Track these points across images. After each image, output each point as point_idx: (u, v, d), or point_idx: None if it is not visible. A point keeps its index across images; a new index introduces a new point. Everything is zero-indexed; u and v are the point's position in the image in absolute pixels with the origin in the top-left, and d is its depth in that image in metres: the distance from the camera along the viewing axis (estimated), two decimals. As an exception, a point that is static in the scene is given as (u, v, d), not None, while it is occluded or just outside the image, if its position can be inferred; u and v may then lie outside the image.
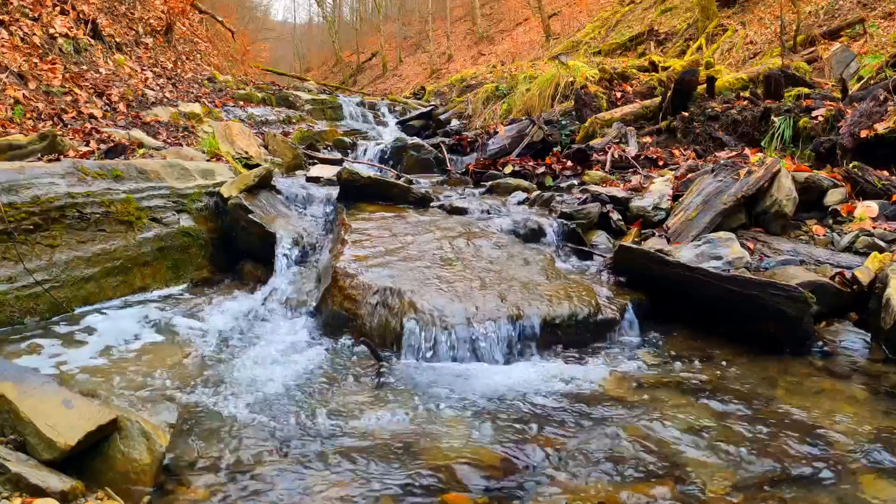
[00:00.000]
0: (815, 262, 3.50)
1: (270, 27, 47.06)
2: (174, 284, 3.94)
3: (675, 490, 1.91)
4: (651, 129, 6.73)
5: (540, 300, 3.10)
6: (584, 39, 18.25)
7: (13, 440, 1.80)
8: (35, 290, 3.24)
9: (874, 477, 1.96)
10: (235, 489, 1.89)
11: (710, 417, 2.36)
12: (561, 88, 8.62)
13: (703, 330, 3.17)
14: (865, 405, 2.45)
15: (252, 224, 4.07)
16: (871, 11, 9.98)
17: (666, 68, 9.00)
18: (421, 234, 3.92)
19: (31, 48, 5.89)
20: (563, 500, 1.87)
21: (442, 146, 7.60)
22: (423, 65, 31.95)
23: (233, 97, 9.14)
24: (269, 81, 14.67)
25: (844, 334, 3.03)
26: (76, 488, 1.73)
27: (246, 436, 2.20)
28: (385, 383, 2.67)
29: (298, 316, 3.44)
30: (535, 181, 5.76)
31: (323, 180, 5.36)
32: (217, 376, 2.69)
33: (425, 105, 12.14)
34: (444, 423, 2.33)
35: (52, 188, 3.44)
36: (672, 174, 4.96)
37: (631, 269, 3.50)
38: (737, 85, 7.27)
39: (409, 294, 3.04)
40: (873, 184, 4.19)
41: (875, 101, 4.71)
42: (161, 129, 5.96)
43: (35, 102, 5.13)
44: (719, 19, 13.14)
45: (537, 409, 2.43)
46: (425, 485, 1.92)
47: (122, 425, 1.92)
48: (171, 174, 4.22)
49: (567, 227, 4.19)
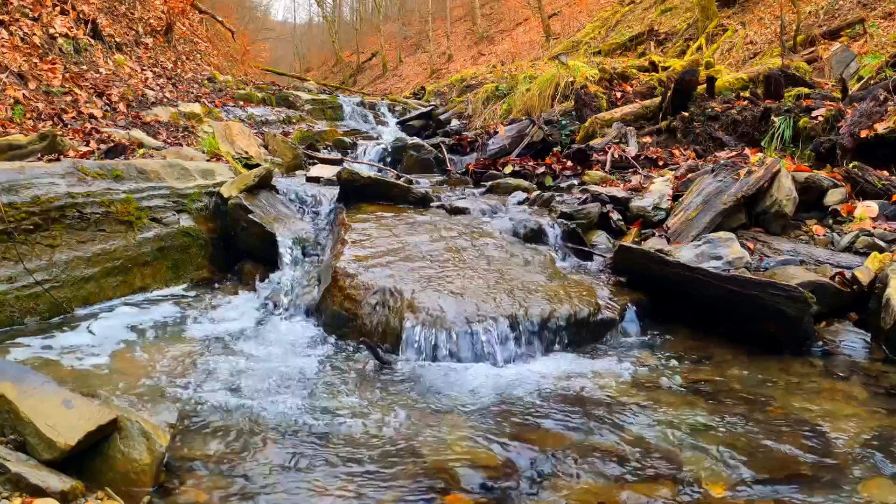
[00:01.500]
0: (815, 262, 3.50)
1: (270, 27, 47.06)
2: (174, 284, 3.94)
3: (675, 490, 1.91)
4: (651, 129, 6.73)
5: (540, 300, 3.10)
6: (584, 39, 18.25)
7: (13, 440, 1.80)
8: (35, 290, 3.24)
9: (874, 477, 1.96)
10: (235, 489, 1.89)
11: (709, 417, 2.36)
12: (561, 88, 8.62)
13: (703, 330, 3.17)
14: (865, 405, 2.45)
15: (252, 224, 4.07)
16: (871, 11, 9.98)
17: (666, 68, 9.00)
18: (421, 234, 3.92)
19: (31, 48, 5.89)
20: (563, 500, 1.87)
21: (442, 146, 7.59)
22: (423, 65, 31.95)
23: (233, 97, 9.14)
24: (269, 81, 14.66)
25: (844, 334, 3.03)
26: (76, 488, 1.73)
27: (246, 435, 2.20)
28: (385, 383, 2.67)
29: (299, 316, 3.45)
30: (535, 181, 5.76)
31: (323, 180, 5.36)
32: (217, 376, 2.69)
33: (425, 105, 12.13)
34: (444, 423, 2.33)
35: (52, 188, 3.44)
36: (672, 174, 4.96)
37: (631, 269, 3.50)
38: (737, 85, 7.27)
39: (409, 294, 3.05)
40: (873, 184, 4.20)
41: (875, 101, 4.71)
42: (161, 129, 5.96)
43: (35, 102, 5.13)
44: (719, 19, 13.14)
45: (537, 410, 2.43)
46: (426, 485, 1.92)
47: (122, 425, 1.92)
48: (171, 174, 4.22)
49: (567, 227, 4.19)
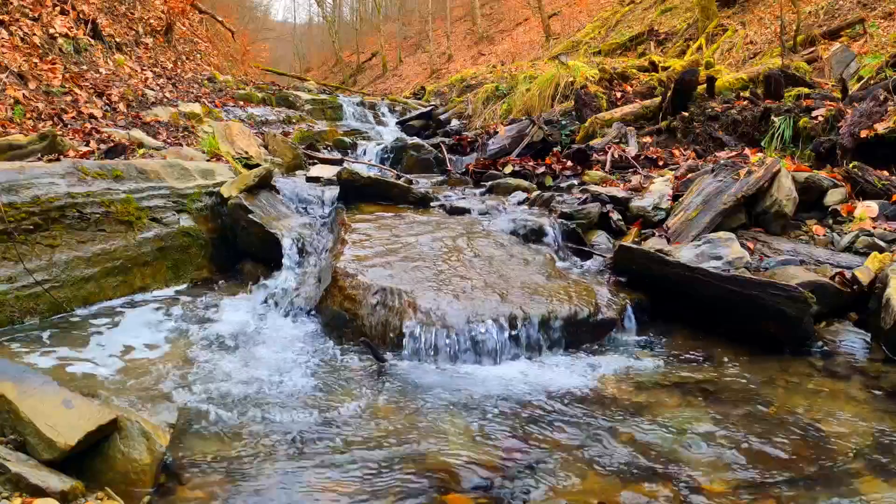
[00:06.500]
0: (815, 262, 3.50)
1: (270, 27, 47.05)
2: (174, 284, 3.94)
3: (675, 490, 1.91)
4: (651, 129, 6.73)
5: (540, 300, 3.10)
6: (584, 39, 18.25)
7: (13, 440, 1.80)
8: (35, 290, 3.24)
9: (873, 477, 1.96)
10: (235, 489, 1.89)
11: (709, 417, 2.36)
12: (561, 88, 8.62)
13: (703, 330, 3.17)
14: (865, 405, 2.45)
15: (252, 224, 4.07)
16: (871, 11, 9.98)
17: (666, 68, 9.00)
18: (421, 234, 3.91)
19: (31, 48, 5.89)
20: (563, 500, 1.87)
21: (442, 146, 7.59)
22: (423, 65, 31.94)
23: (233, 97, 9.14)
24: (269, 81, 14.66)
25: (844, 334, 3.03)
26: (76, 488, 1.73)
27: (246, 436, 2.20)
28: (385, 383, 2.67)
29: (299, 316, 3.44)
30: (535, 181, 5.76)
31: (323, 180, 5.35)
32: (217, 376, 2.69)
33: (425, 105, 12.13)
34: (444, 423, 2.33)
35: (52, 188, 3.44)
36: (672, 174, 4.96)
37: (631, 269, 3.50)
38: (737, 85, 7.27)
39: (409, 294, 3.05)
40: (873, 184, 4.20)
41: (875, 101, 4.71)
42: (161, 129, 5.96)
43: (35, 102, 5.13)
44: (719, 19, 13.14)
45: (537, 409, 2.43)
46: (426, 485, 1.92)
47: (122, 425, 1.92)
48: (171, 174, 4.22)
49: (567, 227, 4.19)
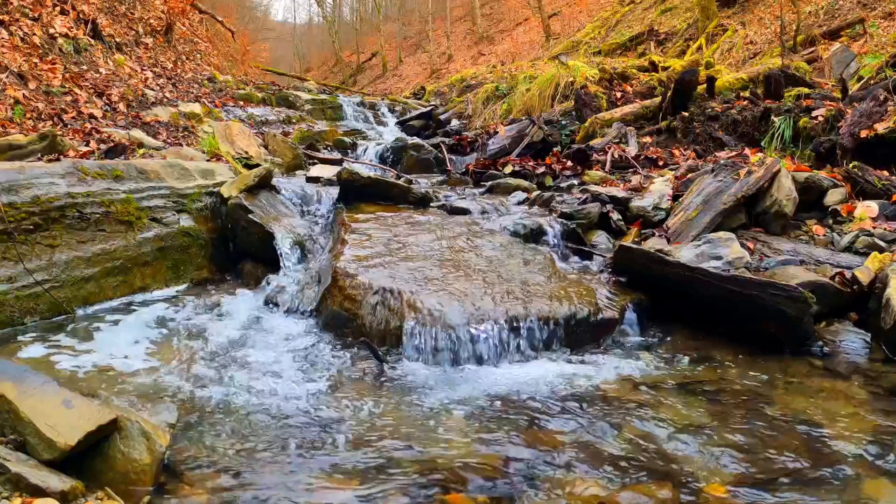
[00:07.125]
0: (815, 262, 3.50)
1: (270, 27, 47.07)
2: (174, 284, 3.94)
3: (675, 490, 1.91)
4: (651, 129, 6.73)
5: (540, 300, 3.10)
6: (584, 39, 18.26)
7: (13, 440, 1.80)
8: (35, 290, 3.24)
9: (874, 477, 1.96)
10: (236, 489, 1.89)
11: (709, 417, 2.36)
12: (561, 88, 8.62)
13: (703, 330, 3.17)
14: (865, 405, 2.45)
15: (252, 224, 4.07)
16: (871, 11, 9.98)
17: (666, 68, 9.00)
18: (421, 234, 3.92)
19: (31, 48, 5.89)
20: (563, 500, 1.87)
21: (442, 146, 7.59)
22: (423, 65, 31.95)
23: (233, 97, 9.14)
24: (269, 81, 14.66)
25: (844, 334, 3.03)
26: (76, 488, 1.73)
27: (246, 436, 2.20)
28: (385, 383, 2.67)
29: (299, 316, 3.44)
30: (535, 181, 5.76)
31: (323, 180, 5.35)
32: (217, 376, 2.69)
33: (425, 105, 12.13)
34: (444, 423, 2.33)
35: (52, 188, 3.44)
36: (672, 174, 4.96)
37: (631, 269, 3.50)
38: (737, 85, 7.27)
39: (409, 294, 3.05)
40: (873, 184, 4.19)
41: (875, 101, 4.71)
42: (161, 129, 5.96)
43: (35, 102, 5.13)
44: (719, 19, 13.14)
45: (537, 410, 2.43)
46: (426, 485, 1.92)
47: (122, 425, 1.92)
48: (171, 174, 4.22)
49: (567, 227, 4.19)
